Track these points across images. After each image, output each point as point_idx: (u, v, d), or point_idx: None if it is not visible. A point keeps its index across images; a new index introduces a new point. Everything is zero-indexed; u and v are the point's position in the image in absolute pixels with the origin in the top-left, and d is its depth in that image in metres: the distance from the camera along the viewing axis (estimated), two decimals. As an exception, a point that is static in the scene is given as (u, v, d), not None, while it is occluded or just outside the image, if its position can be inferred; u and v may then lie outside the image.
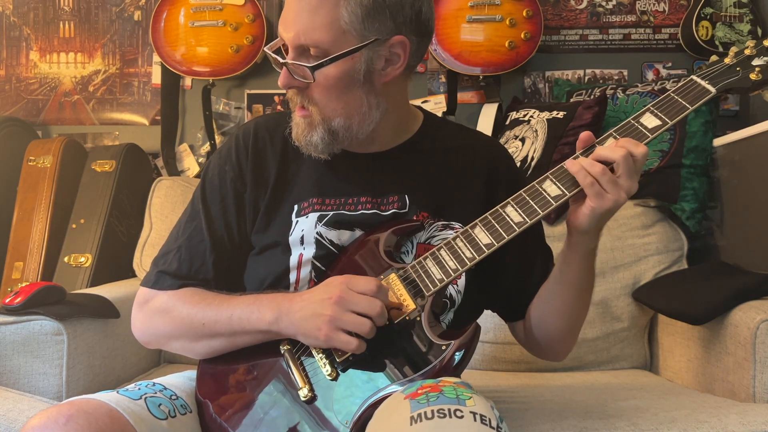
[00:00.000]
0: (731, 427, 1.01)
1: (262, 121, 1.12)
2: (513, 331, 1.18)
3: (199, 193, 1.09)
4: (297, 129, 1.02)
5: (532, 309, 1.11)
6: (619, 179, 0.89)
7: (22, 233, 1.98)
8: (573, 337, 1.11)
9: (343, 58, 0.94)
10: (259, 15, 2.15)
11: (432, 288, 0.94)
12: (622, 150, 0.89)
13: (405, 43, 0.97)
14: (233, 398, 0.99)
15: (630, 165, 0.89)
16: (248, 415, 0.96)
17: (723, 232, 1.82)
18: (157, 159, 2.28)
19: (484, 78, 2.18)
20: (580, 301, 1.06)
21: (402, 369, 0.91)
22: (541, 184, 0.95)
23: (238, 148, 1.09)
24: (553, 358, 1.15)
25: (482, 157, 1.12)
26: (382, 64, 0.98)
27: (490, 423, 0.75)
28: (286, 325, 0.94)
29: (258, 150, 1.08)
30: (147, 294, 1.06)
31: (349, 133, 1.01)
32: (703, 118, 1.86)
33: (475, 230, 0.95)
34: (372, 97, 1.00)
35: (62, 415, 0.80)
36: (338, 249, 1.03)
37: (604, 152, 0.91)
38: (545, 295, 1.08)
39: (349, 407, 0.90)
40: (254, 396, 0.97)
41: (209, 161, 1.13)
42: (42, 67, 2.37)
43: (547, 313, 1.08)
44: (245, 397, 0.98)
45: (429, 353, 0.90)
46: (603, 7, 2.26)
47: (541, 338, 1.11)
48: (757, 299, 1.35)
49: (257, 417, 0.95)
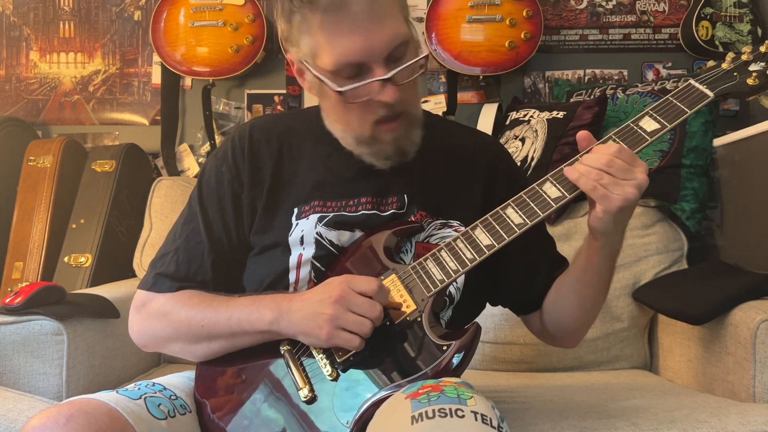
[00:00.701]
0: (731, 427, 1.01)
1: (258, 123, 1.12)
2: (527, 322, 1.19)
3: (196, 194, 1.09)
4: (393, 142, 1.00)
5: (548, 303, 1.11)
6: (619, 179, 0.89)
7: (22, 233, 1.98)
8: (588, 327, 1.14)
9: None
10: (259, 15, 2.15)
11: (433, 289, 0.94)
12: (605, 156, 0.89)
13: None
14: (232, 398, 0.99)
15: (620, 164, 0.89)
16: (247, 416, 0.96)
17: (723, 232, 1.82)
18: (157, 159, 2.28)
19: (484, 78, 2.18)
20: (600, 297, 1.07)
21: (403, 369, 0.91)
22: (541, 186, 0.95)
23: (234, 150, 1.08)
24: (567, 346, 1.18)
25: (481, 155, 1.13)
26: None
27: (491, 422, 0.75)
28: (287, 325, 0.93)
29: (254, 151, 1.08)
30: (145, 297, 1.06)
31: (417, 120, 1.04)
32: (703, 119, 1.86)
33: (476, 231, 0.96)
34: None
35: (62, 415, 0.80)
36: (338, 249, 1.03)
37: (589, 161, 0.90)
38: (565, 292, 1.08)
39: (349, 407, 0.90)
40: (253, 396, 0.97)
41: (206, 163, 1.13)
42: (42, 67, 2.37)
43: (566, 308, 1.08)
44: (244, 398, 0.98)
45: (430, 354, 0.90)
46: (603, 7, 2.26)
47: (557, 330, 1.13)
48: (757, 299, 1.35)
49: (256, 417, 0.95)
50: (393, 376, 0.91)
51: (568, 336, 1.14)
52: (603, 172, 0.89)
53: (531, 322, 1.17)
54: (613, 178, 0.89)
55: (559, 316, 1.10)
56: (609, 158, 0.89)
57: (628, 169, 0.89)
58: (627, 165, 0.89)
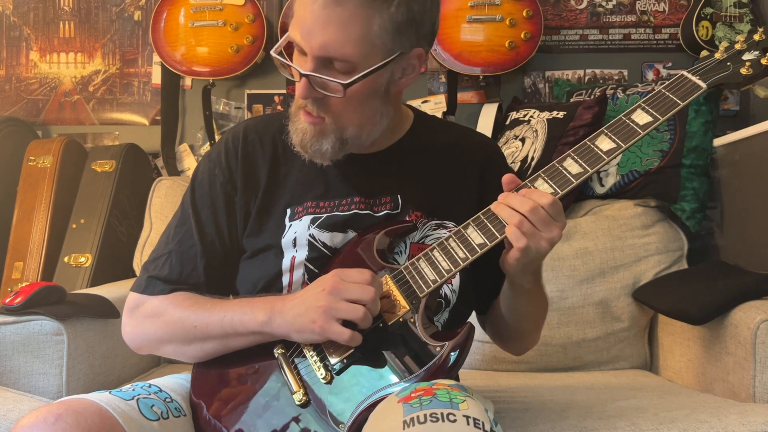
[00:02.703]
0: (731, 427, 1.01)
1: (251, 124, 1.11)
2: (479, 321, 1.20)
3: (189, 197, 1.08)
4: (302, 135, 0.99)
5: (491, 311, 1.15)
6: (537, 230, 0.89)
7: (22, 233, 1.98)
8: (528, 341, 1.16)
9: (372, 74, 0.93)
10: (259, 15, 2.15)
11: (425, 289, 0.94)
12: (529, 202, 0.89)
13: (422, 55, 0.98)
14: (227, 400, 0.98)
15: (541, 215, 0.89)
16: (242, 418, 0.96)
17: (723, 232, 1.82)
18: (157, 159, 2.28)
19: (484, 78, 2.18)
20: (529, 319, 1.10)
21: (397, 371, 0.90)
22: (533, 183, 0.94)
23: (227, 152, 1.07)
24: (512, 353, 1.22)
25: (474, 154, 1.12)
26: (400, 74, 0.99)
27: (483, 426, 0.74)
28: (279, 324, 0.93)
29: (248, 153, 1.07)
30: (137, 299, 1.05)
31: (358, 141, 1.00)
32: (703, 118, 1.86)
33: (468, 230, 0.95)
34: (384, 107, 1.00)
35: (51, 414, 0.80)
36: (331, 251, 1.02)
37: (514, 203, 0.90)
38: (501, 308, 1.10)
39: (344, 410, 0.89)
40: (248, 398, 0.97)
41: (199, 164, 1.11)
42: (42, 67, 2.37)
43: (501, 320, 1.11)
44: (239, 399, 0.97)
45: (423, 355, 0.90)
46: (603, 7, 2.26)
47: (497, 336, 1.18)
48: (757, 299, 1.35)
49: (252, 419, 0.95)
50: (387, 378, 0.90)
51: (509, 344, 1.18)
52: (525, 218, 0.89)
53: (480, 321, 1.20)
54: (531, 227, 0.89)
55: (496, 324, 1.14)
56: (534, 206, 0.89)
57: (550, 222, 0.89)
58: (550, 218, 0.89)
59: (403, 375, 0.89)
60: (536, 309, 1.08)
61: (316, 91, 0.94)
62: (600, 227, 1.80)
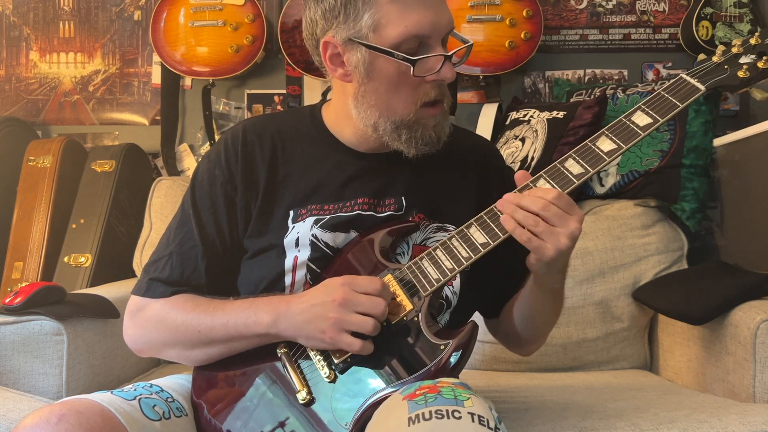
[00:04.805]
0: (731, 427, 1.01)
1: (250, 124, 1.10)
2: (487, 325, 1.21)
3: (189, 197, 1.07)
4: (444, 128, 1.02)
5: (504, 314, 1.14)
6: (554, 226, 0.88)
7: (22, 233, 1.98)
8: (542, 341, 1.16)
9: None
10: (259, 15, 2.15)
11: (429, 288, 0.94)
12: (541, 201, 0.88)
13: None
14: (229, 400, 0.98)
15: (555, 211, 0.88)
16: (244, 417, 0.96)
17: (723, 232, 1.82)
18: (157, 159, 2.28)
19: (484, 78, 2.17)
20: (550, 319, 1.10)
21: (400, 370, 0.90)
22: (535, 183, 0.95)
23: (227, 152, 1.07)
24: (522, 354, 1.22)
25: (473, 156, 1.13)
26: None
27: (488, 424, 0.74)
28: (286, 327, 0.93)
29: (247, 153, 1.06)
30: (139, 302, 1.04)
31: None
32: (703, 118, 1.86)
33: (471, 230, 0.95)
34: None
35: (54, 414, 0.80)
36: (333, 251, 1.02)
37: (526, 202, 0.90)
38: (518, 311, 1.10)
39: (348, 409, 0.90)
40: (251, 398, 0.97)
41: (198, 165, 1.11)
42: (42, 67, 2.37)
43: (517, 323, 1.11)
44: (241, 399, 0.97)
45: (427, 353, 0.90)
46: (603, 7, 2.26)
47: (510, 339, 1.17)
48: (757, 299, 1.35)
49: (254, 419, 0.95)
50: (391, 376, 0.91)
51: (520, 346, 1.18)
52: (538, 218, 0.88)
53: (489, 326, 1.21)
54: (547, 226, 0.88)
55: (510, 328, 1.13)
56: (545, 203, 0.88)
57: (564, 216, 0.88)
58: (563, 212, 0.89)
59: (407, 373, 0.90)
60: (559, 307, 1.08)
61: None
62: (600, 227, 1.80)
